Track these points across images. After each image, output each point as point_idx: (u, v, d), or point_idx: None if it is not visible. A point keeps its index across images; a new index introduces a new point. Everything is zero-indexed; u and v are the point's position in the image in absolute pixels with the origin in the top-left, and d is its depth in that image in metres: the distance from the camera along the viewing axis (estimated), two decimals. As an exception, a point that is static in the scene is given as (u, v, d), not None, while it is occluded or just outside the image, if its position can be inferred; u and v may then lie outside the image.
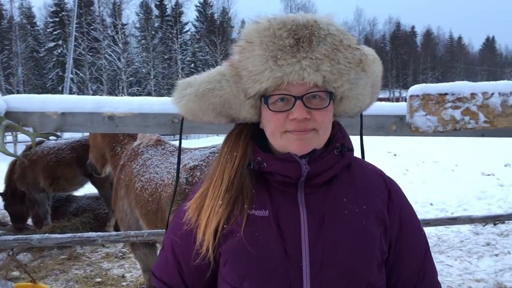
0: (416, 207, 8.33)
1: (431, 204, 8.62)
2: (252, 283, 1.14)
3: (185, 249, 1.25)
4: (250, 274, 1.14)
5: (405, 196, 1.32)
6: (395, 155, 17.44)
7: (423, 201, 8.81)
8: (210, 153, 3.32)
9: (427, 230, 6.56)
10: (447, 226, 6.71)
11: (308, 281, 1.11)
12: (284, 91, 1.13)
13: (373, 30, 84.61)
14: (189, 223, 1.23)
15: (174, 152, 3.71)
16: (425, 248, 1.30)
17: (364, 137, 1.52)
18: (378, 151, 18.48)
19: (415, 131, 2.37)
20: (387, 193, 1.26)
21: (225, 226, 1.18)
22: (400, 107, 2.56)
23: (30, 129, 2.48)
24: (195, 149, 3.59)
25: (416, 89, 2.38)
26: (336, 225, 1.16)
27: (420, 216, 7.70)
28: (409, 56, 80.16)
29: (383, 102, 2.68)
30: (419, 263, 1.27)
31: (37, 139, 2.64)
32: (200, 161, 3.25)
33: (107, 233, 2.66)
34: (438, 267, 5.13)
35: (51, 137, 2.59)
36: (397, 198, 1.28)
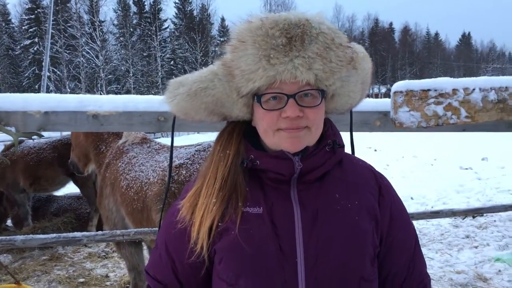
0: (397, 202, 8.49)
1: (412, 198, 8.76)
2: (248, 280, 1.15)
3: (179, 247, 1.25)
4: (245, 271, 1.15)
5: (394, 191, 1.35)
6: (375, 150, 17.64)
7: (403, 196, 8.92)
8: (196, 151, 3.31)
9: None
10: (428, 219, 6.83)
11: (303, 276, 1.13)
12: (277, 89, 1.14)
13: (352, 26, 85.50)
14: (183, 221, 1.23)
15: (159, 150, 3.69)
16: (415, 241, 1.33)
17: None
18: (359, 147, 18.55)
19: (399, 127, 2.40)
20: (378, 188, 1.29)
21: (219, 224, 1.19)
22: (384, 103, 2.59)
23: (13, 129, 2.44)
24: (181, 147, 3.58)
25: (400, 85, 2.42)
26: (329, 221, 1.17)
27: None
28: (388, 52, 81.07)
29: (366, 99, 2.71)
30: (409, 256, 1.29)
31: (19, 138, 2.60)
32: (185, 159, 3.24)
33: (93, 233, 2.64)
34: (420, 260, 5.27)
35: (34, 137, 2.55)
36: (387, 193, 1.30)
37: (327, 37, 1.13)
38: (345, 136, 1.59)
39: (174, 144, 1.62)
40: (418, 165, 13.14)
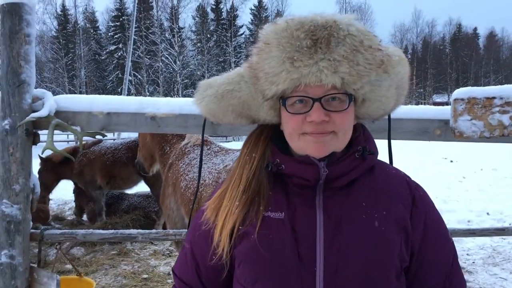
0: (471, 216, 8.00)
1: (488, 213, 8.23)
2: (264, 285, 1.13)
3: (202, 249, 1.25)
4: (262, 277, 1.13)
5: (432, 203, 1.26)
6: (451, 161, 16.80)
7: (478, 210, 8.44)
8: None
9: (481, 241, 6.27)
10: (504, 237, 6.38)
11: (322, 285, 1.09)
12: (302, 92, 1.11)
13: (432, 31, 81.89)
14: (207, 223, 1.23)
15: (218, 152, 3.76)
16: (452, 258, 1.23)
17: (411, 142, 1.47)
18: (433, 157, 17.89)
19: (459, 136, 2.27)
20: (412, 199, 1.21)
21: (240, 227, 1.18)
22: (445, 111, 2.45)
23: (78, 128, 2.59)
24: (238, 150, 3.62)
25: (461, 92, 2.27)
26: (353, 230, 1.13)
27: (475, 225, 7.37)
28: (471, 58, 76.92)
29: (427, 106, 2.58)
30: (445, 274, 1.21)
31: (98, 137, 2.75)
32: (238, 161, 3.27)
33: (147, 231, 2.74)
34: (491, 279, 4.93)
35: (97, 136, 2.69)
36: (422, 204, 1.22)
37: (356, 39, 1.09)
38: (405, 144, 1.52)
39: (232, 148, 1.63)
40: (497, 178, 12.34)
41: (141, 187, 8.05)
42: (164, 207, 4.01)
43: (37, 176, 3.01)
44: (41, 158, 7.57)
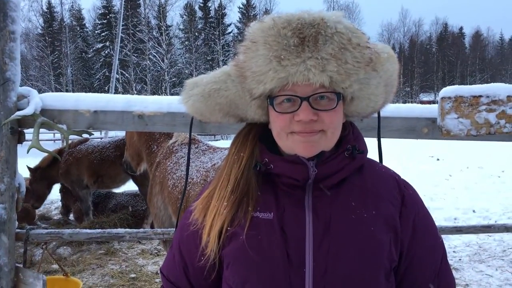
0: (458, 214, 8.08)
1: (474, 211, 8.32)
2: (253, 287, 1.12)
3: (191, 249, 1.24)
4: (250, 278, 1.12)
5: (421, 201, 1.26)
6: (438, 159, 16.94)
7: (465, 208, 8.52)
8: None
9: (468, 238, 6.34)
10: (489, 234, 6.45)
11: (311, 287, 1.08)
12: (290, 91, 1.10)
13: (419, 31, 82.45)
14: (195, 223, 1.22)
15: (206, 151, 3.74)
16: (442, 256, 1.23)
17: (398, 140, 1.47)
18: (420, 155, 18.03)
19: (446, 135, 2.28)
20: (401, 198, 1.21)
21: (228, 228, 1.16)
22: (432, 110, 2.47)
23: (64, 127, 2.56)
24: (226, 149, 3.61)
25: (448, 91, 2.29)
26: (342, 230, 1.12)
27: (462, 223, 7.44)
28: (457, 58, 77.67)
29: (414, 104, 2.60)
30: (434, 272, 1.21)
31: (84, 136, 2.72)
32: (226, 159, 3.27)
33: (135, 230, 2.72)
34: (477, 276, 4.99)
35: (83, 135, 2.66)
36: (411, 203, 1.22)
37: (343, 37, 1.07)
38: (392, 142, 1.52)
39: (221, 146, 1.62)
40: (483, 176, 12.46)
41: (129, 186, 8.00)
42: (152, 206, 3.99)
43: (28, 187, 2.97)
44: (29, 168, 7.57)
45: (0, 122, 2.42)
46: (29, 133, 2.53)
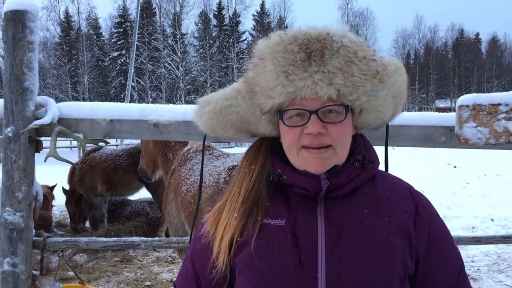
0: (476, 223, 7.95)
1: (492, 219, 8.18)
2: None
3: (202, 261, 1.26)
4: (262, 285, 1.13)
5: (435, 211, 1.26)
6: (455, 167, 16.74)
7: (483, 216, 8.39)
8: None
9: (486, 247, 6.23)
10: (509, 244, 6.33)
11: None
12: (299, 106, 1.12)
13: (434, 37, 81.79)
14: (207, 236, 1.24)
15: (219, 156, 3.76)
16: (459, 267, 1.22)
17: (413, 148, 1.49)
18: (437, 163, 17.83)
19: (465, 143, 2.25)
20: (415, 207, 1.21)
21: (238, 238, 1.18)
22: (449, 118, 2.43)
23: (81, 135, 2.58)
24: (240, 154, 3.63)
25: (466, 99, 2.26)
26: (355, 236, 1.12)
27: (480, 232, 7.32)
28: (473, 64, 76.86)
29: (431, 113, 2.57)
30: (452, 282, 1.19)
31: (101, 144, 2.75)
32: (239, 161, 3.27)
33: (150, 239, 2.73)
34: (496, 286, 4.89)
35: (100, 143, 2.68)
36: (425, 212, 1.21)
37: (349, 51, 1.09)
38: (408, 150, 1.51)
39: (231, 152, 1.64)
40: (501, 184, 12.27)
41: (144, 193, 8.04)
42: (166, 213, 4.01)
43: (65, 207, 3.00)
44: (64, 191, 7.86)
45: (18, 131, 2.45)
46: (46, 140, 2.56)
